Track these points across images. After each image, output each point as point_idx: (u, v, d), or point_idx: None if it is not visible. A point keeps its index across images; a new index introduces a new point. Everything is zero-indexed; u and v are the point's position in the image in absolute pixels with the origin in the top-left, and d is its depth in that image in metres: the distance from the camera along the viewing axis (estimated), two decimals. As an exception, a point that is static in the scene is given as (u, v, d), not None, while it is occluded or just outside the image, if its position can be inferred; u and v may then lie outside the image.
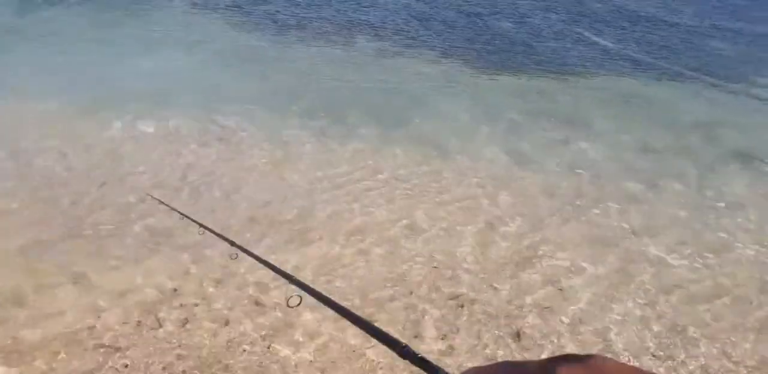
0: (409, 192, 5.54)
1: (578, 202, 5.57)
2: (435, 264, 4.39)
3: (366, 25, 11.38)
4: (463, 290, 4.09)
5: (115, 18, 10.66)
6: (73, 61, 8.46)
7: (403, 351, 1.22)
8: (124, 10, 11.20)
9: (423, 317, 3.79)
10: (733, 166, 6.54)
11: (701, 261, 4.74)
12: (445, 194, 5.57)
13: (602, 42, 11.52)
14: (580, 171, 6.21)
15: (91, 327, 3.49)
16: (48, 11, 10.75)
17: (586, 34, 12.13)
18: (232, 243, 2.39)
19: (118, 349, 3.36)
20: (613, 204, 5.56)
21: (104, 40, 9.53)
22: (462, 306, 3.91)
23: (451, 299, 3.98)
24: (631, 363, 3.41)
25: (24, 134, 6.11)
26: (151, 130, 6.51)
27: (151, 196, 4.44)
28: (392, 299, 3.97)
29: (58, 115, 6.65)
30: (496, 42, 10.97)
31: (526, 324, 3.79)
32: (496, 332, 3.70)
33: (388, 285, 4.12)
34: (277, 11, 11.82)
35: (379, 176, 5.79)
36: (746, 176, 6.35)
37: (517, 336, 3.67)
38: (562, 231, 5.06)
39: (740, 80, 9.57)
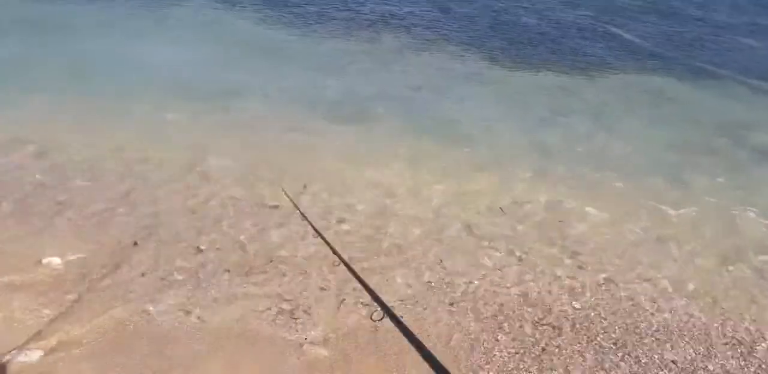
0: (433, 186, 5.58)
1: (601, 199, 5.55)
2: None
3: (389, 19, 11.34)
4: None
5: (140, 11, 10.75)
6: (98, 53, 8.58)
7: None
8: (149, 3, 11.27)
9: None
10: (762, 168, 6.43)
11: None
12: (466, 189, 5.59)
13: (628, 37, 11.33)
14: (605, 167, 6.17)
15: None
16: (72, 4, 10.86)
17: (612, 29, 11.94)
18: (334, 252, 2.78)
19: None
20: (640, 203, 5.54)
21: (129, 32, 9.63)
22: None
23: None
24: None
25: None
26: (172, 119, 6.61)
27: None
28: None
29: (83, 104, 6.78)
30: (521, 37, 10.86)
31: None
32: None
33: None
34: (302, 6, 11.82)
35: (404, 170, 5.84)
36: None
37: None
38: (583, 230, 5.06)
39: (772, 79, 9.35)
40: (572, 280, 4.38)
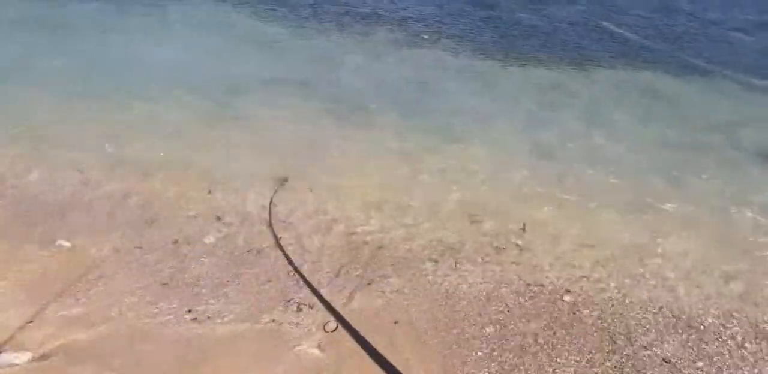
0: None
1: (594, 199, 5.57)
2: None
3: (383, 15, 11.25)
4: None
5: (133, 8, 10.60)
6: (99, 48, 8.49)
7: None
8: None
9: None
10: (756, 167, 6.45)
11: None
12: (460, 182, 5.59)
13: (622, 33, 11.32)
14: (598, 164, 6.18)
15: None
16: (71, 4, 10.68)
17: (604, 23, 11.92)
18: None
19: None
20: (635, 199, 5.57)
21: (127, 28, 9.52)
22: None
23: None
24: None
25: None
26: (171, 112, 6.60)
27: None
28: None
29: (79, 100, 6.71)
30: (514, 32, 10.81)
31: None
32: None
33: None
34: (298, 1, 11.69)
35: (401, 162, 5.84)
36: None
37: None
38: (578, 225, 5.08)
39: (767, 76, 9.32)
40: (566, 274, 4.41)
